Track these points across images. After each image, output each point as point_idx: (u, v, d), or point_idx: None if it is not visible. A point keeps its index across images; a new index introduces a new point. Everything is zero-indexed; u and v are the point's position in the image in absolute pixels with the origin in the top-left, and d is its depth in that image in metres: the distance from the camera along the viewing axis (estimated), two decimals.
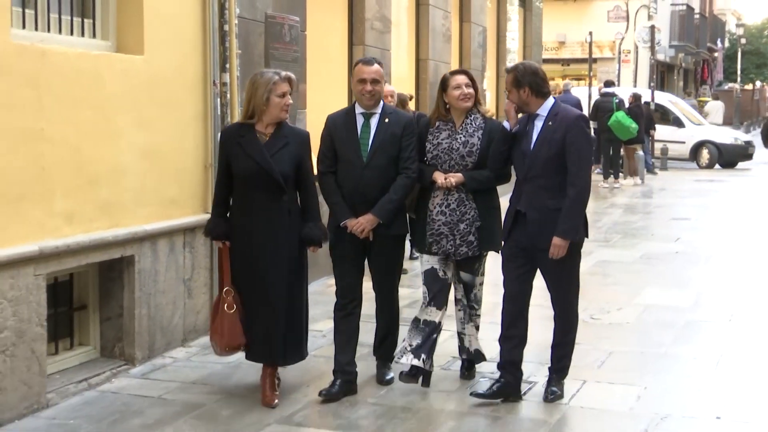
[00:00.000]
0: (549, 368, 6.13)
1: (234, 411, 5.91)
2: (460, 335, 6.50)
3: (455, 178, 5.87)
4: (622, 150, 21.66)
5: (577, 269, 6.01)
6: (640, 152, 22.01)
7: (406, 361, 6.01)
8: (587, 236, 5.94)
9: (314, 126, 8.06)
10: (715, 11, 53.36)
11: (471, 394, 5.77)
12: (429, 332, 6.04)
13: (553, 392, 5.98)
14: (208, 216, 6.50)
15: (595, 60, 31.52)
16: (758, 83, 57.29)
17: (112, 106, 5.23)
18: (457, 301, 6.45)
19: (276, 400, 5.88)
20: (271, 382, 5.94)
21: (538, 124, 5.73)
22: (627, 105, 21.51)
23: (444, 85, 6.17)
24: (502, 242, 6.08)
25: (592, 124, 22.76)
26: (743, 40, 51.86)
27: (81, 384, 6.26)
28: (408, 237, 6.54)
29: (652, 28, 29.82)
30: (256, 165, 5.68)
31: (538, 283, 6.04)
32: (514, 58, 19.93)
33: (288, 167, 5.76)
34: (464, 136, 6.05)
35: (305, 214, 5.96)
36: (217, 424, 5.65)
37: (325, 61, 10.77)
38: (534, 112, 5.76)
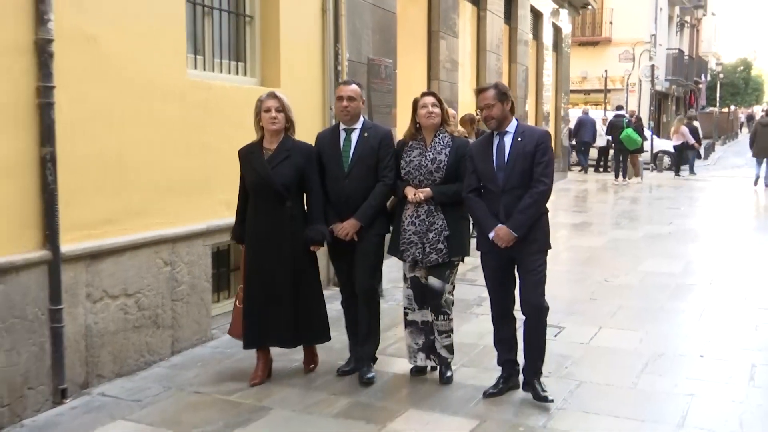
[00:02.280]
0: (523, 381, 5.00)
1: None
2: (409, 347, 5.47)
3: (423, 193, 5.05)
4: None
5: (545, 267, 4.94)
6: (641, 158, 21.71)
7: (420, 362, 5.35)
8: (550, 247, 4.95)
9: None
10: (700, 53, 52.65)
11: (484, 395, 4.93)
12: (427, 332, 5.28)
13: (545, 398, 4.84)
14: None
15: (609, 90, 31.51)
16: (732, 107, 57.23)
17: None
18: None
19: (261, 379, 5.23)
20: (263, 363, 5.31)
21: (508, 140, 4.86)
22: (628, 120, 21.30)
23: (414, 106, 5.29)
24: (480, 253, 5.06)
25: (607, 137, 22.78)
26: (721, 75, 52.09)
27: None
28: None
29: (652, 66, 29.53)
30: (259, 177, 5.10)
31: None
32: (549, 90, 19.81)
33: (289, 177, 5.10)
34: (433, 154, 5.14)
35: (309, 217, 5.27)
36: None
37: (410, 91, 10.69)
38: (504, 128, 4.86)
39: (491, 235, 4.78)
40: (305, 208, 5.31)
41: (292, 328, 5.21)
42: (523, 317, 4.97)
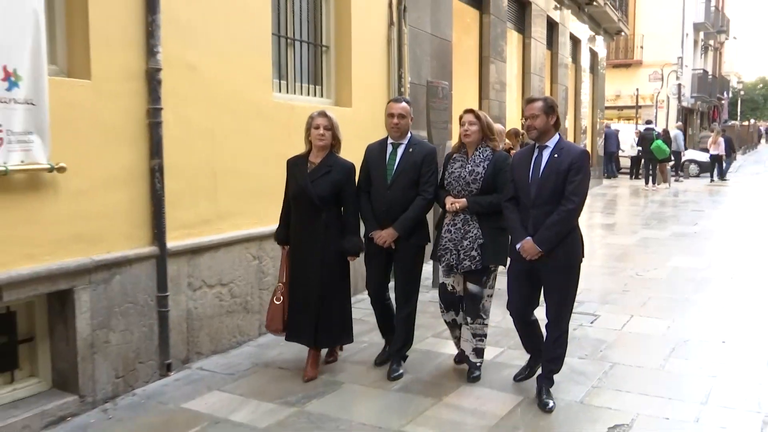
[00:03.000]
0: (538, 376, 4.65)
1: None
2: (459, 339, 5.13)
3: (459, 203, 4.71)
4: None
5: (575, 286, 4.49)
6: (668, 167, 21.34)
7: (465, 349, 4.97)
8: (583, 255, 4.49)
9: None
10: (723, 73, 51.24)
11: (515, 378, 4.79)
12: (453, 327, 5.06)
13: (546, 404, 4.44)
14: None
15: (640, 107, 30.91)
16: (752, 121, 55.91)
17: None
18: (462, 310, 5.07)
19: (310, 376, 4.92)
20: (312, 361, 5.00)
21: (546, 155, 4.36)
22: (658, 134, 21.20)
23: (460, 122, 4.94)
24: (508, 260, 4.71)
25: (638, 148, 22.45)
26: (742, 92, 51.22)
27: None
28: None
29: (679, 85, 29.06)
30: (299, 187, 4.82)
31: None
32: (586, 107, 19.54)
33: (326, 191, 4.77)
34: (471, 166, 4.76)
35: (345, 228, 4.93)
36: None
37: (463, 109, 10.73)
38: (545, 142, 4.37)
39: (518, 246, 4.38)
40: (340, 220, 4.97)
41: (312, 331, 4.90)
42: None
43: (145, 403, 4.63)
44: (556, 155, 4.32)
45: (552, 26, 15.68)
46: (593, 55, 20.39)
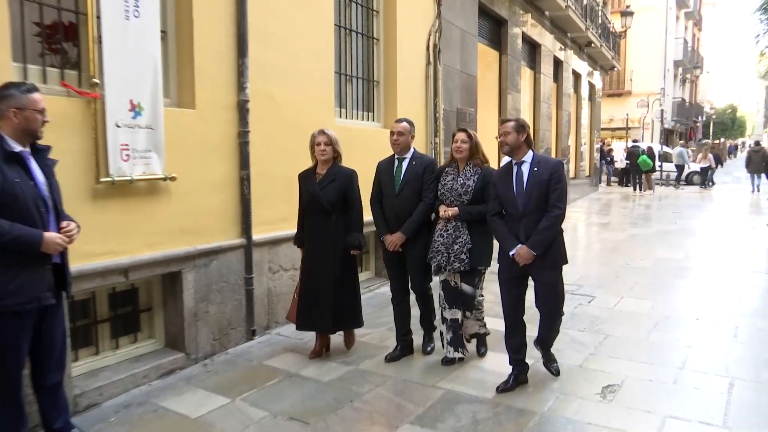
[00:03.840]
0: (542, 352, 4.33)
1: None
2: (461, 328, 4.57)
3: (451, 210, 4.33)
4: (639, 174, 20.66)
5: (562, 283, 4.09)
6: (652, 176, 20.99)
7: (450, 354, 4.51)
8: (566, 262, 4.04)
9: None
10: (698, 100, 49.68)
11: (497, 390, 4.03)
12: (455, 328, 4.49)
13: (555, 368, 4.30)
14: None
15: (629, 128, 30.16)
16: (722, 139, 54.12)
17: (384, 155, 5.20)
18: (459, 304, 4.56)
19: (316, 353, 4.70)
20: (320, 343, 4.73)
21: (525, 169, 3.95)
22: (643, 150, 20.91)
23: (453, 139, 4.51)
24: (498, 267, 4.15)
25: (626, 161, 22.05)
26: (713, 116, 49.75)
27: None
28: None
29: (662, 111, 28.33)
30: (311, 196, 4.52)
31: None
32: (585, 128, 19.19)
33: (334, 197, 4.47)
34: (463, 179, 4.36)
35: (349, 227, 4.56)
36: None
37: (487, 130, 10.63)
38: (521, 158, 3.96)
39: (512, 253, 3.93)
40: (347, 220, 4.60)
41: (331, 317, 4.56)
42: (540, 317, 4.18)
43: (236, 360, 4.70)
44: (535, 168, 3.93)
45: (558, 63, 15.44)
46: (591, 86, 19.98)
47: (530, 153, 4.00)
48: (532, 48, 13.50)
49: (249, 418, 3.67)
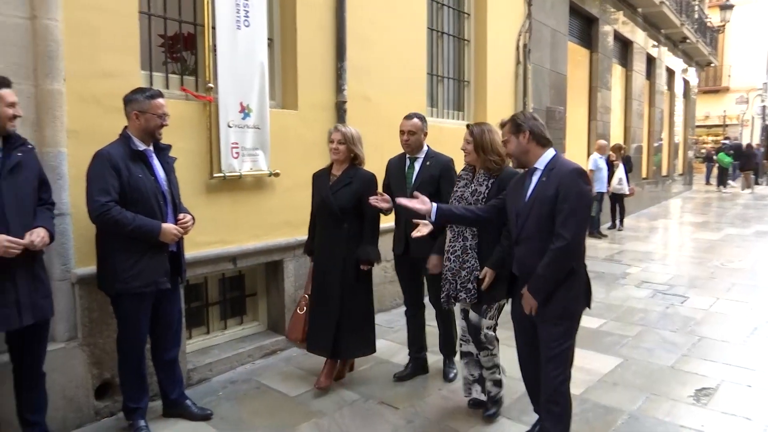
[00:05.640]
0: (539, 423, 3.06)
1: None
2: (465, 378, 3.58)
3: (424, 229, 3.06)
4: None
5: (572, 342, 2.76)
6: (752, 175, 19.61)
7: (476, 394, 3.51)
8: (589, 306, 2.79)
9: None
10: None
11: None
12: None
13: None
14: None
15: (726, 125, 28.16)
16: None
17: None
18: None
19: (324, 385, 3.85)
20: (327, 370, 3.91)
21: (534, 179, 2.78)
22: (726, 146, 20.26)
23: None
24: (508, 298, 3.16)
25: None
26: None
27: None
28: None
29: (764, 107, 26.15)
30: (321, 199, 3.82)
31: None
32: (679, 126, 18.11)
33: (347, 202, 3.74)
34: (475, 185, 3.32)
35: (362, 238, 3.79)
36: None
37: (576, 129, 10.28)
38: (532, 164, 2.80)
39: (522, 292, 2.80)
40: (361, 230, 3.83)
41: (331, 342, 3.81)
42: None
43: None
44: (544, 178, 2.73)
45: (651, 60, 14.62)
46: (686, 83, 18.79)
47: (546, 156, 2.80)
48: (624, 45, 12.88)
49: (343, 400, 3.74)
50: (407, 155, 4.00)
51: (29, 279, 2.73)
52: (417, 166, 3.94)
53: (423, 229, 3.08)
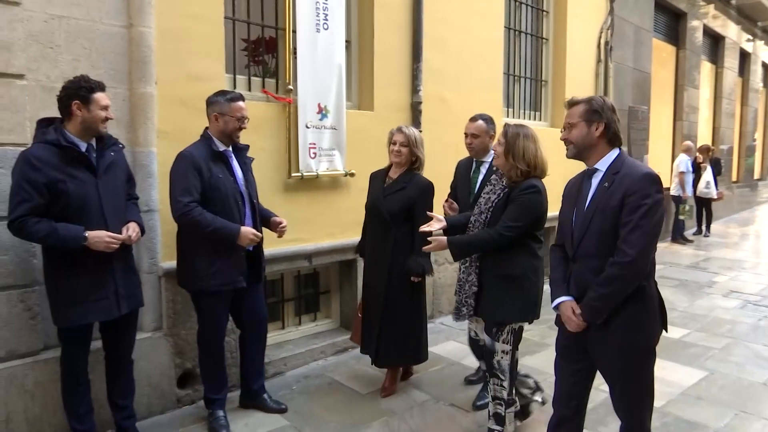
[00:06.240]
0: None
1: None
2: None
3: (438, 224, 3.01)
4: None
5: (649, 377, 2.26)
6: None
7: (492, 426, 3.05)
8: (665, 329, 2.28)
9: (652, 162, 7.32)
10: None
11: None
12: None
13: None
14: None
15: None
16: None
17: (550, 155, 4.94)
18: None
19: (388, 393, 3.78)
20: (391, 377, 3.84)
21: (594, 184, 2.27)
22: None
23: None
24: (527, 321, 2.89)
25: None
26: None
27: None
28: None
29: None
30: (372, 201, 3.69)
31: None
32: None
33: (397, 207, 3.55)
34: (490, 193, 2.98)
35: (413, 247, 3.56)
36: None
37: (660, 128, 9.77)
38: (593, 163, 2.29)
39: (554, 305, 2.34)
40: (412, 238, 3.58)
41: (375, 348, 3.71)
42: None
43: None
44: (606, 183, 2.22)
45: (744, 56, 13.69)
46: None
47: (610, 156, 2.28)
48: (714, 41, 12.12)
49: (413, 400, 3.72)
50: (474, 158, 3.80)
51: (124, 271, 2.88)
52: (483, 170, 3.69)
53: (434, 224, 2.97)
